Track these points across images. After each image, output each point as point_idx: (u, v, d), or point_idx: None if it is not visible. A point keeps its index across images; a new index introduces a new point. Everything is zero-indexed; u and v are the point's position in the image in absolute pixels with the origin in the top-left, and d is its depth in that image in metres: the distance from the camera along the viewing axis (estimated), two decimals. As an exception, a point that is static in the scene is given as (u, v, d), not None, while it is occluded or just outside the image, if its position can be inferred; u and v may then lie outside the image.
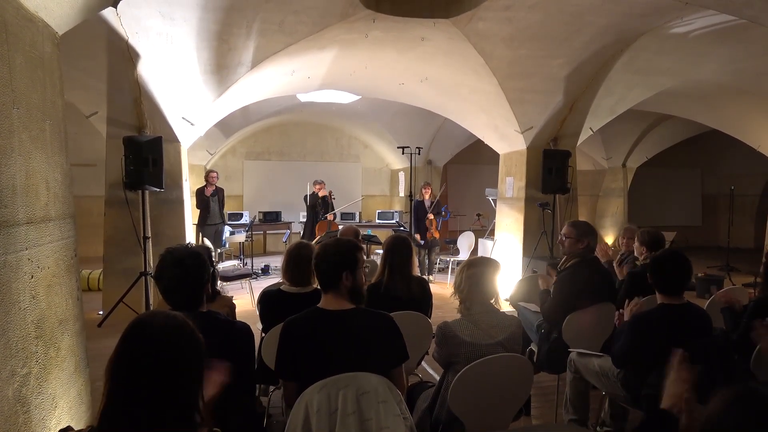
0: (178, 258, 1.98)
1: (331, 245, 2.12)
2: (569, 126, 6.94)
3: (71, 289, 2.51)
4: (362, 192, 13.02)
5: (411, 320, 3.03)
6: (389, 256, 3.31)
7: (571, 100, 6.57)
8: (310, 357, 1.98)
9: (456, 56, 5.84)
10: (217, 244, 8.23)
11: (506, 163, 7.65)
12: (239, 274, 6.65)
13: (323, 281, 2.10)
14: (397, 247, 3.32)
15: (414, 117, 10.14)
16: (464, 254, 8.67)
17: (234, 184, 11.89)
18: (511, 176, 7.45)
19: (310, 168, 12.23)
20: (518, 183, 7.23)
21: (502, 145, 7.67)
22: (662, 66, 6.30)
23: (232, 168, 11.96)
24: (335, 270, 2.07)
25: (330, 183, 11.12)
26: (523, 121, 6.73)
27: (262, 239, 11.80)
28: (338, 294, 2.08)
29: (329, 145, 12.81)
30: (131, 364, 1.27)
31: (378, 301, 3.16)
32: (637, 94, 7.09)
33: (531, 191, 7.00)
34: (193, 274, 1.98)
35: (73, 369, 2.48)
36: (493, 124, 7.26)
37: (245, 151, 12.12)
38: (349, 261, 2.09)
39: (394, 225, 10.36)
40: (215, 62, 5.30)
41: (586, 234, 3.47)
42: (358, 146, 13.05)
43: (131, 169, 5.27)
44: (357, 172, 13.01)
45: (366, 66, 6.54)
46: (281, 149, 12.39)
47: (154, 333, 1.30)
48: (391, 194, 13.32)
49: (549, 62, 5.82)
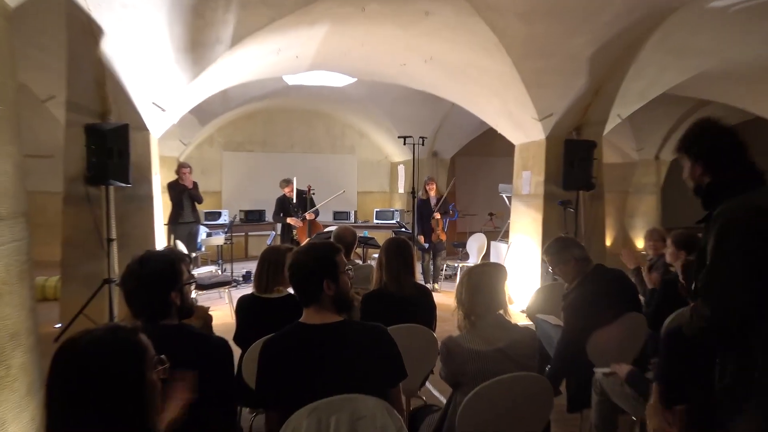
0: (143, 260, 2.04)
1: (302, 253, 2.12)
2: (594, 113, 6.94)
3: (24, 299, 2.51)
4: (358, 188, 13.08)
5: (412, 334, 3.04)
6: (387, 261, 3.35)
7: (597, 83, 6.55)
8: (295, 379, 1.98)
9: (464, 32, 5.83)
10: (191, 246, 8.25)
11: (522, 156, 7.65)
12: (217, 282, 6.65)
13: (303, 295, 2.10)
14: (396, 251, 3.36)
15: (417, 103, 10.12)
16: (474, 259, 8.69)
17: (211, 179, 11.86)
18: (527, 170, 7.46)
19: (298, 161, 12.23)
20: (536, 178, 7.25)
21: (518, 135, 7.66)
22: (699, 45, 6.29)
23: (209, 160, 11.96)
24: (313, 280, 2.07)
25: (321, 177, 11.21)
26: (542, 108, 6.73)
27: (243, 242, 11.81)
28: (321, 306, 2.08)
29: (320, 135, 12.81)
30: (62, 388, 1.31)
31: (374, 312, 3.22)
32: (671, 77, 7.09)
33: (551, 187, 7.02)
34: (157, 279, 2.02)
35: (26, 390, 2.48)
36: (507, 110, 7.26)
37: (224, 141, 12.13)
38: (327, 267, 2.09)
39: (394, 226, 10.38)
40: (190, 39, 5.30)
41: (562, 250, 3.52)
42: (353, 136, 13.05)
43: (93, 162, 5.27)
44: (352, 165, 13.02)
45: (362, 44, 6.53)
46: (265, 139, 12.39)
47: (82, 351, 1.34)
48: (391, 190, 13.32)
49: (571, 40, 5.82)
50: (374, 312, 3.21)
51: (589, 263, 3.53)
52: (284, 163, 12.01)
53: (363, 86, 9.66)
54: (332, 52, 6.82)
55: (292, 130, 12.58)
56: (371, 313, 3.23)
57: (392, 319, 2.92)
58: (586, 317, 3.32)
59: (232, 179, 12.17)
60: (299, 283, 2.10)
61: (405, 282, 3.34)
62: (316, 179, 9.61)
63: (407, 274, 3.37)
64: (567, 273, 3.55)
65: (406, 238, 3.67)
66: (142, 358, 1.41)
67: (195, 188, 8.47)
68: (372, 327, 2.13)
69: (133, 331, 1.45)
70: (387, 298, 3.30)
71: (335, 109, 12.21)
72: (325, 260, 2.10)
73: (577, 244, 3.62)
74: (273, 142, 12.46)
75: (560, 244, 3.61)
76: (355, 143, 13.07)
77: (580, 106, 6.82)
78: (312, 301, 2.08)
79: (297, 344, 2.04)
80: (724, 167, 1.97)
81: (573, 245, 3.58)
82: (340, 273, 2.11)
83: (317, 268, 2.07)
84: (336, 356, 2.00)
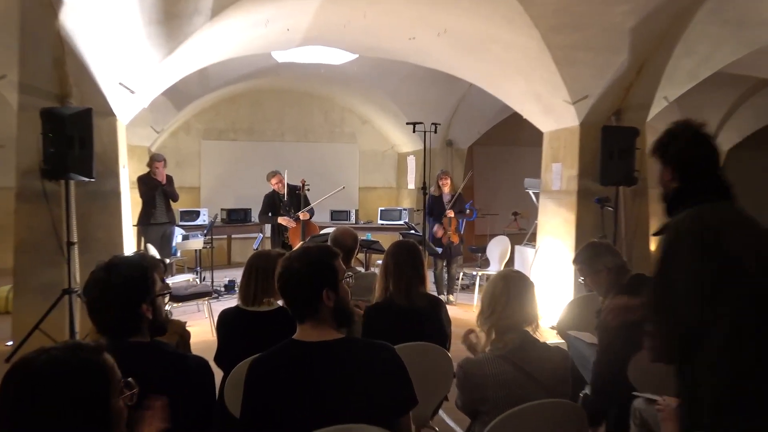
0: (110, 267, 2.06)
1: (295, 258, 2.12)
2: (637, 95, 6.94)
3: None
4: (360, 183, 13.07)
5: (423, 354, 3.05)
6: (393, 268, 3.37)
7: (639, 60, 6.54)
8: (287, 406, 1.97)
9: (485, 0, 5.82)
10: (165, 251, 8.25)
11: (552, 145, 7.65)
12: (194, 293, 6.65)
13: (297, 308, 2.10)
14: (404, 257, 3.38)
15: (429, 83, 10.07)
16: (495, 266, 8.70)
17: (188, 173, 11.77)
18: (558, 162, 7.47)
19: (289, 151, 12.19)
20: (568, 171, 7.26)
21: (547, 121, 7.63)
22: (761, 14, 6.25)
23: (185, 150, 11.89)
24: (310, 290, 2.06)
25: (317, 170, 11.23)
26: (575, 89, 6.72)
27: (225, 246, 11.77)
28: (319, 321, 2.07)
29: (315, 121, 12.78)
30: (13, 416, 1.31)
31: (378, 328, 3.23)
32: (727, 53, 7.07)
33: (585, 182, 7.02)
34: (126, 289, 2.04)
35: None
36: (535, 92, 7.25)
37: (203, 128, 12.09)
38: (325, 274, 2.09)
39: (402, 227, 10.39)
40: (163, 9, 5.29)
41: (593, 258, 3.59)
42: (355, 122, 13.04)
43: (51, 152, 5.27)
44: (353, 156, 13.00)
45: (365, 14, 6.53)
46: (251, 126, 12.36)
47: (37, 373, 1.35)
48: (399, 186, 13.31)
49: (609, 9, 5.80)
50: (379, 328, 3.22)
51: (624, 273, 3.57)
52: (274, 154, 11.93)
53: (365, 64, 9.61)
54: (329, 23, 6.84)
55: (283, 115, 12.53)
56: (375, 328, 3.24)
57: (400, 336, 2.92)
58: (623, 335, 3.30)
59: (212, 173, 12.11)
60: (293, 294, 2.10)
61: (414, 293, 3.35)
62: (310, 173, 9.59)
63: (417, 284, 3.38)
64: (599, 284, 3.60)
65: (415, 241, 3.64)
66: (106, 381, 1.41)
67: (170, 184, 8.49)
68: (377, 345, 2.13)
69: (97, 350, 1.45)
70: (393, 312, 3.31)
71: (333, 91, 12.14)
72: (323, 265, 2.09)
73: (610, 251, 3.66)
74: (260, 130, 12.42)
75: (590, 251, 3.67)
76: (356, 131, 13.03)
77: (619, 87, 6.81)
78: (308, 315, 2.08)
79: (290, 365, 2.03)
80: (691, 175, 2.19)
81: (605, 252, 3.63)
82: (339, 280, 2.11)
83: (314, 275, 2.06)
84: (335, 379, 2.00)
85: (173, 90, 8.43)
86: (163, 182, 8.35)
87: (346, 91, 11.91)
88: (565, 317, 4.26)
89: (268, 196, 8.59)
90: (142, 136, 10.47)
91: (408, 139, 11.90)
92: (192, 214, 10.65)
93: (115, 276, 2.04)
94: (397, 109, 11.14)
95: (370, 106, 12.24)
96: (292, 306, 2.11)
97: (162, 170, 8.38)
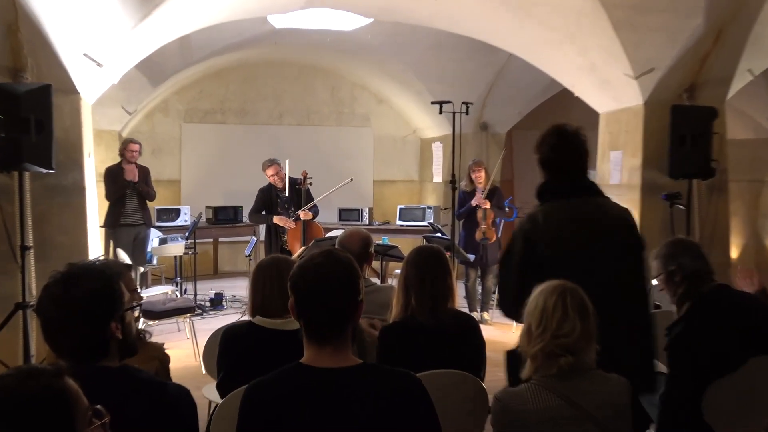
0: (67, 278, 2.04)
1: (321, 264, 2.11)
2: (714, 68, 6.91)
3: None
4: (375, 175, 13.07)
5: (452, 384, 3.06)
6: (415, 278, 3.38)
7: (717, 25, 6.51)
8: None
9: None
10: (138, 257, 8.26)
11: (610, 129, 7.63)
12: (174, 309, 6.67)
13: (318, 329, 2.10)
14: (428, 265, 3.39)
15: (459, 54, 10.00)
16: (540, 277, 8.67)
17: (166, 162, 11.81)
18: (617, 150, 7.44)
19: (288, 137, 12.14)
20: (630, 161, 7.22)
21: (604, 99, 7.60)
22: None
23: (163, 136, 11.96)
24: (344, 304, 2.09)
25: (322, 159, 11.31)
26: (639, 59, 6.68)
27: (211, 251, 11.80)
28: (341, 343, 2.10)
29: (321, 100, 12.78)
30: None
31: (397, 352, 3.26)
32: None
33: (651, 174, 7.02)
34: (89, 305, 2.03)
35: None
36: (589, 63, 7.21)
37: (184, 108, 12.12)
38: (355, 281, 2.12)
39: (425, 229, 10.23)
40: (137, -35, 5.35)
41: (669, 257, 3.60)
42: (368, 101, 13.05)
43: (2, 137, 5.25)
44: (366, 142, 12.98)
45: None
46: (243, 106, 12.38)
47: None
48: (422, 179, 13.26)
49: (681, -39, 5.78)
50: (398, 352, 3.24)
51: (703, 281, 3.56)
52: (270, 140, 11.91)
53: (381, 31, 9.55)
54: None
55: (282, 93, 12.51)
56: (393, 353, 3.25)
57: (423, 363, 2.93)
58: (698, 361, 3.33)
59: (196, 163, 12.08)
60: (319, 311, 2.08)
61: (441, 310, 3.35)
62: (314, 163, 9.60)
63: (444, 298, 3.38)
64: (672, 291, 3.61)
65: (441, 246, 3.67)
66: (71, 411, 1.40)
67: (145, 178, 8.55)
68: (397, 374, 2.14)
69: (57, 374, 1.44)
70: (415, 333, 3.31)
71: (342, 64, 12.15)
72: (354, 272, 2.13)
73: (693, 252, 3.64)
74: (254, 111, 12.44)
75: (670, 247, 3.67)
76: (370, 112, 13.02)
77: (693, 57, 6.78)
78: (332, 336, 2.09)
79: (297, 394, 2.04)
80: (553, 174, 3.30)
81: (685, 252, 3.62)
82: (361, 292, 2.15)
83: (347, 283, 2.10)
84: (352, 413, 2.01)
85: (149, 63, 8.40)
86: (134, 180, 8.40)
87: (358, 64, 11.89)
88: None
89: (264, 190, 8.56)
90: (112, 119, 10.45)
91: (433, 121, 11.83)
92: (171, 213, 10.55)
93: (75, 289, 2.02)
94: (420, 86, 11.05)
95: (388, 82, 12.18)
96: (313, 321, 2.11)
97: (136, 156, 8.44)
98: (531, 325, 2.54)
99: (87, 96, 6.31)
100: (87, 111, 6.37)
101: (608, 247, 3.25)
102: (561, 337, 2.44)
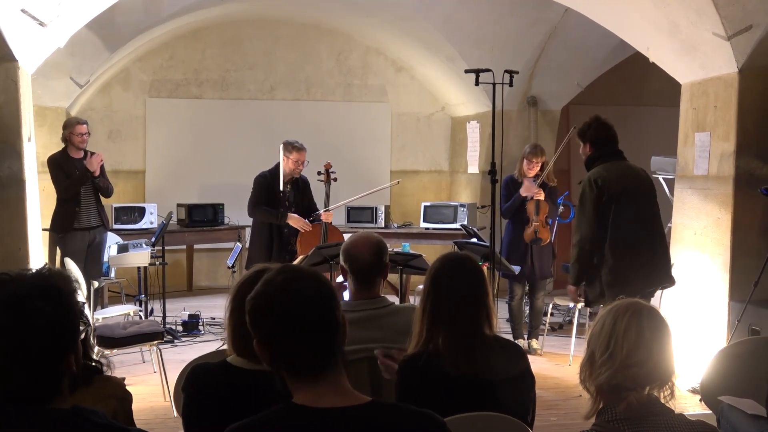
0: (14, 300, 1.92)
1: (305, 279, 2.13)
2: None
3: None
4: (393, 164, 12.71)
5: (492, 430, 3.14)
6: (437, 298, 3.33)
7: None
8: None
9: None
10: (92, 270, 8.13)
11: (695, 105, 7.49)
12: (137, 334, 6.60)
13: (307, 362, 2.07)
14: (453, 280, 3.34)
15: (501, 10, 9.96)
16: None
17: (127, 148, 11.64)
18: (705, 131, 7.29)
19: (283, 114, 11.90)
20: (721, 145, 7.07)
21: (687, 66, 7.43)
22: None
23: (122, 114, 11.64)
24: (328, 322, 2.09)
25: (328, 143, 11.08)
26: (732, 15, 6.42)
27: (184, 262, 11.69)
28: (340, 376, 2.09)
29: (324, 68, 12.40)
30: None
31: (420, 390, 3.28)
32: None
33: (748, 162, 6.90)
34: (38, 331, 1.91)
35: None
36: (668, 20, 7.00)
37: (150, 79, 11.76)
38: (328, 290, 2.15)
39: (457, 233, 10.08)
40: None
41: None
42: (385, 69, 12.69)
43: None
44: (382, 122, 12.62)
45: None
46: (224, 76, 12.00)
47: None
48: (453, 169, 12.94)
49: None
50: (421, 390, 3.22)
51: None
52: (258, 120, 11.82)
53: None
54: None
55: (274, 60, 12.14)
56: (416, 392, 3.22)
57: (454, 403, 2.99)
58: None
59: (164, 148, 11.82)
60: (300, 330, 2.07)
61: (474, 335, 3.29)
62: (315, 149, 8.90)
63: (479, 323, 3.29)
64: None
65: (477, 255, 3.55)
66: None
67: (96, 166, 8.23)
68: (419, 416, 2.13)
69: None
70: (442, 367, 3.22)
71: (352, 23, 11.89)
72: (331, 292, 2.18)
73: None
74: (238, 82, 12.05)
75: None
76: (387, 83, 12.63)
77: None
78: (327, 366, 2.07)
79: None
80: (600, 147, 5.90)
81: None
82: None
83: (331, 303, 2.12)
84: None
85: (104, 22, 8.53)
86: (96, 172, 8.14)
87: (372, 24, 11.52)
88: (715, 376, 4.52)
89: (265, 178, 8.10)
90: (58, 93, 10.25)
91: (468, 95, 11.62)
92: (133, 213, 10.46)
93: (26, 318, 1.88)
94: (451, 50, 10.77)
95: (409, 46, 11.79)
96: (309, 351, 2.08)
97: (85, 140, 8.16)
98: (594, 353, 2.53)
99: (26, 64, 6.43)
100: (26, 83, 6.50)
101: (646, 194, 5.86)
102: (633, 367, 2.44)
